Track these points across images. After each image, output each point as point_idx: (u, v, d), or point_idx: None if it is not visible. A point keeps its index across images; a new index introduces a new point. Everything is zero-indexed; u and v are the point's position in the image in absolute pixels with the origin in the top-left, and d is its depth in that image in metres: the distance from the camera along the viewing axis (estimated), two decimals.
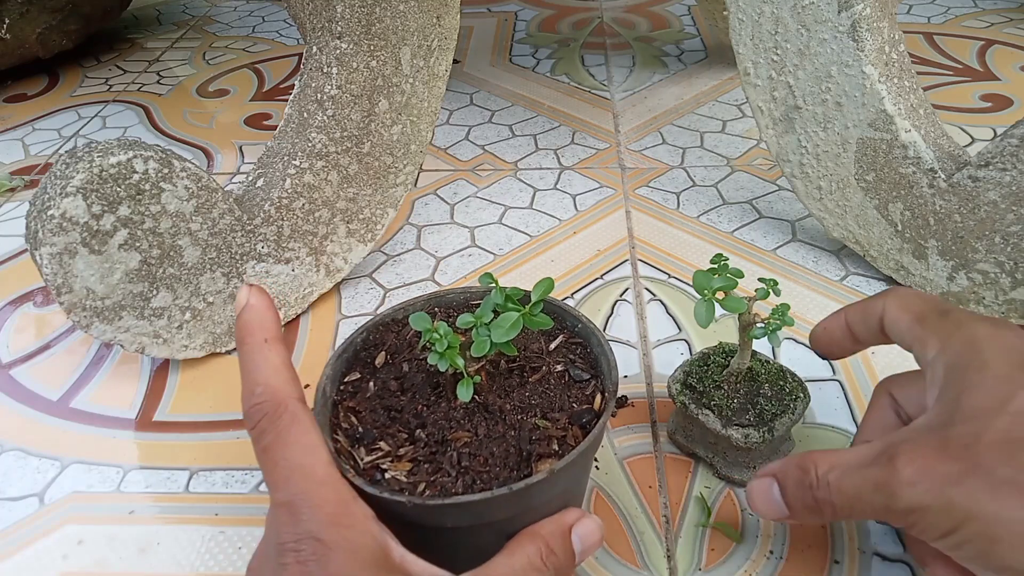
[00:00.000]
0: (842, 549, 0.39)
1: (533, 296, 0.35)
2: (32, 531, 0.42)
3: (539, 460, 0.32)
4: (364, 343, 0.39)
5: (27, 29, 0.90)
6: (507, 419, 0.34)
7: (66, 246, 0.43)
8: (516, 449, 0.33)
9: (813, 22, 0.51)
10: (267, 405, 0.31)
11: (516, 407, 0.35)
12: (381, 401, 0.36)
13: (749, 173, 0.70)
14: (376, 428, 0.35)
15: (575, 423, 0.34)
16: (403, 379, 0.37)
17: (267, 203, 0.51)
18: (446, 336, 0.34)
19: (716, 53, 0.94)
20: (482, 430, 0.34)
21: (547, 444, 0.33)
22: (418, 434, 0.34)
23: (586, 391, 0.36)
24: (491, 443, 0.33)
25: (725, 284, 0.36)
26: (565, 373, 0.37)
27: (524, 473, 0.32)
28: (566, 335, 0.39)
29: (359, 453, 0.34)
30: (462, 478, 0.32)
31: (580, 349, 0.39)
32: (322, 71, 0.51)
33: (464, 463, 0.32)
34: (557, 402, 0.35)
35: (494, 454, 0.33)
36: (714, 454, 0.42)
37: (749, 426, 0.39)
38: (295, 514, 0.29)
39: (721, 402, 0.40)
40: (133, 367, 0.53)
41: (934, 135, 0.52)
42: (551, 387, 0.36)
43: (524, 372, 0.37)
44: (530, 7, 1.13)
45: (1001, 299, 0.50)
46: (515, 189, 0.70)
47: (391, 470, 0.33)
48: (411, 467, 0.33)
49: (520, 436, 0.33)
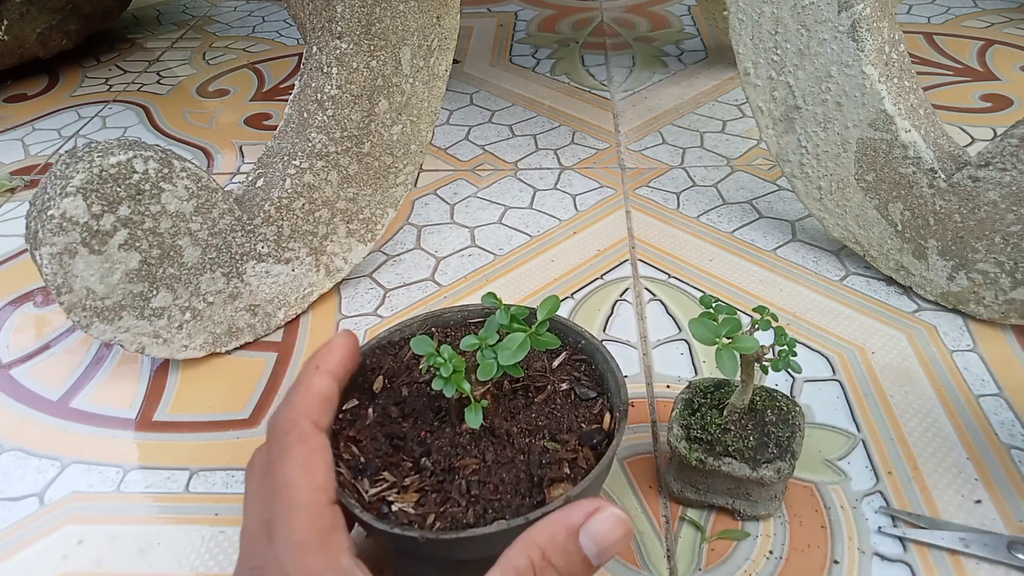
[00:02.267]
0: (842, 549, 0.39)
1: (539, 315, 0.34)
2: (32, 531, 0.42)
3: (551, 485, 0.31)
4: (361, 368, 0.37)
5: (27, 29, 0.90)
6: (515, 443, 0.33)
7: (66, 246, 0.43)
8: (527, 474, 0.32)
9: (813, 22, 0.51)
10: (283, 421, 0.31)
11: (524, 429, 0.34)
12: (382, 429, 0.35)
13: (749, 173, 0.70)
14: (379, 457, 0.33)
15: (585, 444, 0.33)
16: (403, 404, 0.35)
17: (267, 203, 0.51)
18: (451, 360, 0.32)
19: (716, 53, 0.94)
20: (490, 455, 0.33)
21: (558, 468, 0.32)
22: (424, 462, 0.33)
23: (593, 409, 0.35)
24: (500, 469, 0.32)
25: (731, 327, 0.34)
26: (571, 391, 0.36)
27: (537, 500, 0.31)
28: (569, 352, 0.38)
29: (363, 485, 0.32)
30: (473, 508, 0.31)
31: (584, 366, 0.37)
32: (322, 71, 0.51)
33: (474, 491, 0.31)
34: (565, 422, 0.34)
35: (504, 480, 0.31)
36: (735, 499, 0.40)
37: (776, 459, 0.38)
38: (269, 535, 0.28)
39: (738, 445, 0.38)
40: (133, 367, 0.53)
41: (934, 135, 0.52)
42: (558, 407, 0.35)
43: (529, 392, 0.35)
44: (530, 7, 1.13)
45: (1001, 299, 0.50)
46: (515, 189, 0.70)
47: (398, 502, 0.31)
48: (419, 497, 0.31)
49: (530, 460, 0.32)
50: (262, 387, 0.51)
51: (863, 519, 0.40)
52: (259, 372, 0.52)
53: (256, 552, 0.28)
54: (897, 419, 0.46)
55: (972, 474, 0.42)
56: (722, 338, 0.34)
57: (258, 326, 0.54)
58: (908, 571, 0.38)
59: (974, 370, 0.49)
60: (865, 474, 0.43)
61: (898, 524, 0.40)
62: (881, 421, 0.46)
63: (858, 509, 0.41)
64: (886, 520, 0.40)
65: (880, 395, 0.47)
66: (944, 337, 0.51)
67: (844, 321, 0.53)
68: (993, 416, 0.46)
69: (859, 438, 0.45)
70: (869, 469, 0.43)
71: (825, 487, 0.42)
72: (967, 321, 0.52)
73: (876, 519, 0.40)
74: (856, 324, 0.53)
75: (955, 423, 0.45)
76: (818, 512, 0.41)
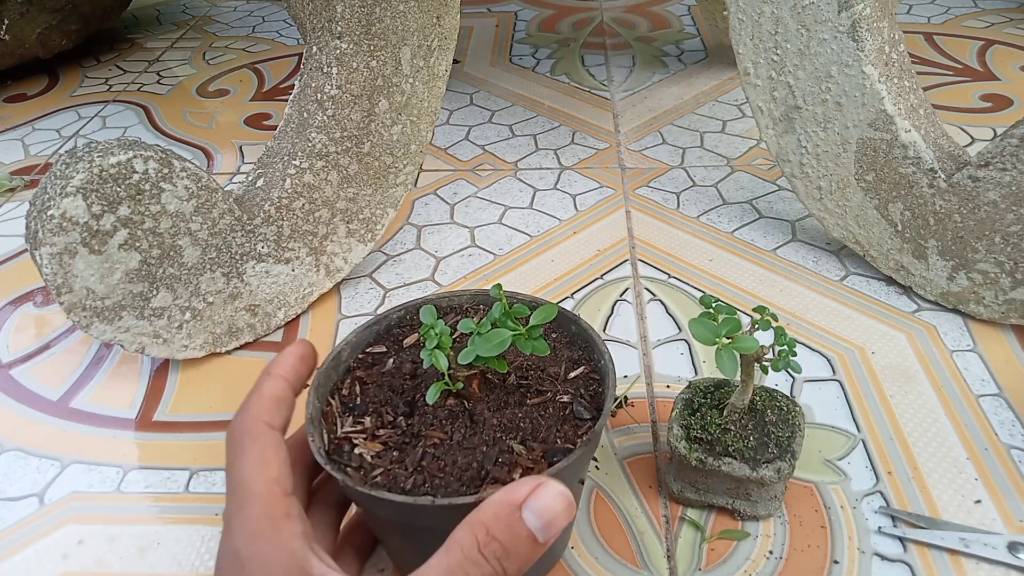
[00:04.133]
0: (842, 549, 0.39)
1: (533, 320, 0.34)
2: (32, 531, 0.42)
3: (493, 483, 0.31)
4: (400, 320, 0.39)
5: (27, 29, 0.90)
6: (486, 434, 0.33)
7: (66, 246, 0.43)
8: (478, 466, 0.32)
9: (813, 22, 0.51)
10: (238, 425, 0.32)
11: (501, 424, 0.34)
12: (391, 380, 0.36)
13: (749, 173, 0.70)
14: (372, 404, 0.35)
15: (548, 459, 0.32)
16: (419, 364, 0.37)
17: (267, 203, 0.51)
18: (440, 335, 0.34)
19: (716, 53, 0.94)
20: (457, 436, 0.33)
21: (508, 471, 0.32)
22: (399, 421, 0.34)
23: (579, 431, 0.34)
24: (458, 452, 0.33)
25: (731, 327, 0.34)
26: (569, 406, 0.35)
27: (471, 491, 0.31)
28: (588, 368, 0.37)
29: (344, 421, 0.34)
30: (415, 476, 0.32)
31: (596, 386, 0.36)
32: (322, 71, 0.51)
33: (424, 462, 0.32)
34: (543, 432, 0.34)
35: (456, 463, 0.32)
36: (735, 498, 0.40)
37: (776, 459, 0.38)
38: (227, 529, 0.29)
39: (738, 445, 0.38)
40: (133, 367, 0.53)
41: (934, 135, 0.52)
42: (546, 416, 0.34)
43: (528, 394, 0.36)
44: (530, 7, 1.13)
45: (1001, 299, 0.50)
46: (515, 189, 0.70)
47: (361, 446, 0.33)
48: (380, 450, 0.33)
49: (487, 455, 0.32)
50: None
51: (863, 519, 0.40)
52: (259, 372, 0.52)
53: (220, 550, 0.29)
54: (897, 419, 0.46)
55: (972, 474, 0.42)
56: (722, 338, 0.34)
57: (258, 326, 0.54)
58: (908, 571, 0.38)
59: (974, 370, 0.49)
60: (865, 474, 0.43)
61: (898, 524, 0.40)
62: (881, 421, 0.46)
63: (858, 509, 0.41)
64: (886, 520, 0.40)
65: (880, 395, 0.47)
66: (944, 337, 0.51)
67: (844, 321, 0.53)
68: (993, 416, 0.46)
69: (859, 438, 0.45)
70: (869, 469, 0.43)
71: (825, 487, 0.42)
72: (967, 321, 0.52)
73: (876, 519, 0.40)
74: (856, 324, 0.53)
75: (955, 423, 0.45)
76: (818, 512, 0.41)
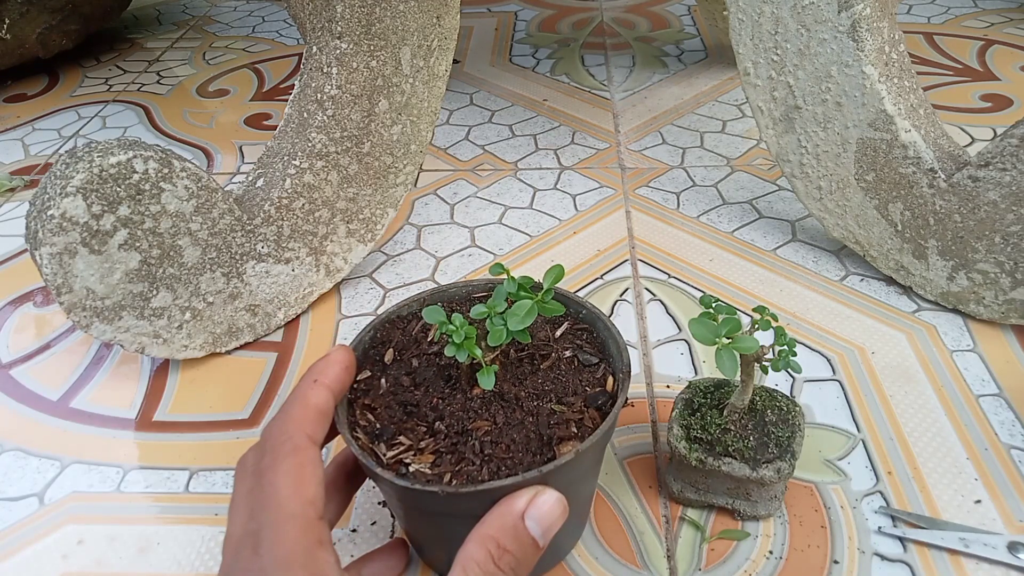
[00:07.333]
0: (842, 549, 0.39)
1: (544, 283, 0.36)
2: (32, 531, 0.42)
3: (560, 443, 0.33)
4: (372, 341, 0.39)
5: (27, 29, 0.90)
6: (524, 406, 0.35)
7: (66, 246, 0.43)
8: (537, 434, 0.33)
9: (813, 22, 0.51)
10: (278, 432, 0.31)
11: (531, 394, 0.35)
12: (395, 397, 0.36)
13: (749, 173, 0.70)
14: (393, 423, 0.35)
15: (591, 405, 0.35)
16: (414, 374, 0.37)
17: (267, 203, 0.51)
18: (462, 327, 0.34)
19: (716, 53, 0.94)
20: (501, 418, 0.34)
21: (566, 427, 0.34)
22: (437, 426, 0.34)
23: (596, 374, 0.37)
24: (511, 430, 0.34)
25: (731, 327, 0.34)
26: (574, 358, 0.38)
27: (548, 456, 0.32)
28: (571, 322, 0.40)
29: (380, 449, 0.34)
30: (487, 466, 0.32)
31: (586, 335, 0.39)
32: (322, 71, 0.51)
33: (487, 451, 0.33)
34: (571, 386, 0.36)
35: (516, 440, 0.33)
36: (735, 498, 0.40)
37: (776, 459, 0.38)
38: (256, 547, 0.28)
39: (738, 445, 0.38)
40: (133, 367, 0.53)
41: (934, 135, 0.52)
42: (562, 372, 0.37)
43: (534, 360, 0.37)
44: (530, 7, 1.13)
45: (1001, 299, 0.50)
46: (515, 189, 0.70)
47: (415, 463, 0.33)
48: (434, 459, 0.33)
49: (539, 421, 0.34)
50: (262, 387, 0.51)
51: (863, 519, 0.40)
52: (259, 372, 0.52)
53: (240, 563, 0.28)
54: (897, 419, 0.46)
55: (972, 474, 0.42)
56: (722, 338, 0.34)
57: (258, 326, 0.54)
58: (908, 571, 0.38)
59: (974, 370, 0.49)
60: (865, 474, 0.43)
61: (898, 524, 0.40)
62: (881, 421, 0.46)
63: (858, 509, 0.41)
64: (886, 520, 0.40)
65: (880, 395, 0.47)
66: (944, 337, 0.51)
67: (844, 321, 0.53)
68: (993, 416, 0.46)
69: (859, 438, 0.45)
70: (869, 469, 0.43)
71: (825, 487, 0.42)
72: (967, 321, 0.52)
73: (876, 519, 0.40)
74: (856, 324, 0.53)
75: (955, 423, 0.45)
76: (818, 512, 0.41)
